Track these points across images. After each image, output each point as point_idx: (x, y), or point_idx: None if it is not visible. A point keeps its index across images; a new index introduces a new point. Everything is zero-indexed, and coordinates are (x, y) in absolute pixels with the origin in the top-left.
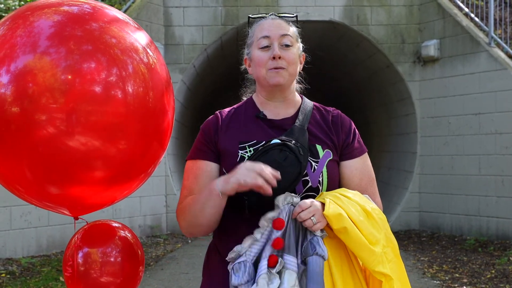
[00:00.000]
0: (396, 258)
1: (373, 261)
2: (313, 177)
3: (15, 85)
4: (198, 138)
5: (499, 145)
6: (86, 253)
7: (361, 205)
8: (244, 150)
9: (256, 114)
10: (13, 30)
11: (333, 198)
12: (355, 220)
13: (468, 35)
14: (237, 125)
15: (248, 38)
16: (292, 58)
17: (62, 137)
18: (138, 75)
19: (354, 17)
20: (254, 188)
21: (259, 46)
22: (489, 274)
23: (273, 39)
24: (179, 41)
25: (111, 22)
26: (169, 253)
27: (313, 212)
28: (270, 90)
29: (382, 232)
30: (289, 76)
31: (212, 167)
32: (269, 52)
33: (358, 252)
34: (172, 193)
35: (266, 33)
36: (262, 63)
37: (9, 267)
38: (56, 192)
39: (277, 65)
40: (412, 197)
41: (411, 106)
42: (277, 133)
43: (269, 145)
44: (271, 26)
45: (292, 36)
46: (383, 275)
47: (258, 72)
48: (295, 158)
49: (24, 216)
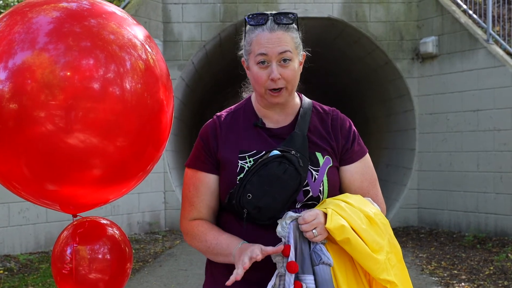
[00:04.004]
0: (399, 263)
1: (377, 270)
2: (313, 186)
3: (14, 81)
4: (196, 146)
5: (497, 141)
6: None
7: (364, 211)
8: (244, 160)
9: (255, 123)
10: (11, 27)
11: (335, 207)
12: (358, 229)
13: (466, 32)
14: (236, 133)
15: (245, 43)
16: (291, 75)
17: (60, 134)
18: (136, 71)
19: (352, 14)
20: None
21: (257, 61)
22: (488, 270)
23: (271, 58)
24: (178, 38)
25: (109, 18)
26: (167, 249)
27: (315, 225)
28: (269, 104)
29: (385, 238)
30: (289, 93)
31: (212, 179)
32: (267, 70)
33: (362, 261)
34: (170, 190)
35: (264, 51)
36: (261, 82)
37: (7, 264)
38: (54, 189)
39: (276, 86)
40: (410, 193)
41: (410, 103)
42: (277, 142)
43: (268, 158)
44: (269, 42)
45: (291, 50)
46: (388, 282)
47: (257, 88)
48: (295, 170)
49: (22, 212)
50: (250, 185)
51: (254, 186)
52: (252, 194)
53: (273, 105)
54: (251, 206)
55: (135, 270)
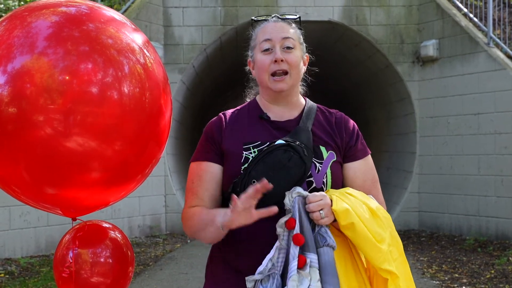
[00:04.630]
0: (401, 257)
1: (379, 258)
2: (317, 177)
3: (13, 85)
4: (201, 140)
5: (498, 145)
6: (77, 253)
7: (366, 203)
8: (248, 151)
9: (260, 115)
10: (10, 31)
11: (340, 195)
12: (362, 217)
13: (467, 35)
14: (241, 126)
15: (252, 41)
16: (294, 60)
17: (59, 138)
18: (135, 75)
19: (353, 17)
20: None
21: (261, 49)
22: (489, 274)
23: (275, 42)
24: (179, 41)
25: (108, 22)
26: (168, 253)
27: (322, 205)
28: (274, 95)
29: (387, 231)
30: (292, 81)
31: (216, 168)
32: (271, 55)
33: (364, 249)
34: (171, 193)
35: (268, 36)
36: (264, 66)
37: (8, 267)
38: (53, 193)
39: (279, 67)
40: (411, 197)
41: (410, 106)
42: (281, 135)
43: (273, 146)
44: (273, 29)
45: (294, 38)
46: (389, 273)
47: (261, 77)
48: (300, 158)
49: (23, 216)
50: (255, 172)
51: (259, 173)
52: (257, 180)
53: (277, 95)
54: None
55: (136, 274)
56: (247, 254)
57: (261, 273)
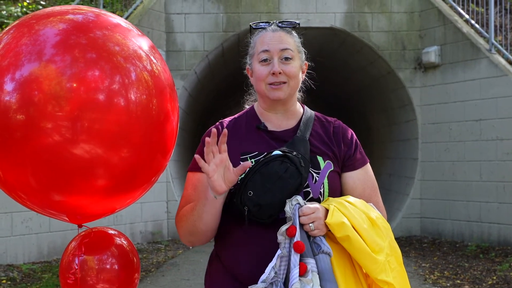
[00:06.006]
0: (400, 267)
1: (376, 269)
2: (314, 188)
3: (21, 92)
4: (199, 149)
5: (500, 151)
6: (83, 260)
7: (366, 213)
8: (246, 161)
9: (257, 125)
10: (18, 39)
11: (338, 205)
12: (359, 228)
13: (468, 41)
14: (238, 136)
15: (250, 48)
16: (292, 72)
17: (67, 145)
18: (141, 82)
19: (355, 23)
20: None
21: (259, 59)
22: (491, 280)
23: (273, 54)
24: (181, 48)
25: (114, 29)
26: (170, 259)
27: (313, 219)
28: (271, 103)
29: (386, 241)
30: (290, 90)
31: None
32: (269, 67)
33: (361, 260)
34: (173, 199)
35: (266, 47)
36: (262, 77)
37: (10, 273)
38: (60, 199)
39: (277, 79)
40: (413, 203)
41: (412, 112)
42: (279, 145)
43: (270, 157)
44: (271, 39)
45: (292, 49)
46: (386, 283)
47: (258, 86)
48: (296, 169)
49: (25, 222)
50: (252, 183)
51: (256, 184)
52: (253, 191)
53: (274, 104)
54: (252, 203)
55: None
56: (244, 260)
57: (264, 282)
